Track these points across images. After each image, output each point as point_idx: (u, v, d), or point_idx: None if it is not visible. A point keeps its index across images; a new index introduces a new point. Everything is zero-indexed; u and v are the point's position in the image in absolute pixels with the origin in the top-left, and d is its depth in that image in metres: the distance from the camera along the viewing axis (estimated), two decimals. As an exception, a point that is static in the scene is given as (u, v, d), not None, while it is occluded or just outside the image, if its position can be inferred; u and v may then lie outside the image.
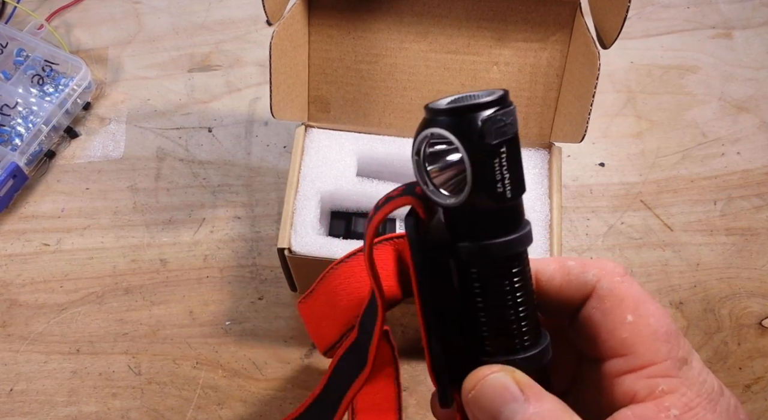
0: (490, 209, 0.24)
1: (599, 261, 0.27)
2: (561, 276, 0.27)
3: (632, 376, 0.25)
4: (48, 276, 0.55)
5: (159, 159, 0.60)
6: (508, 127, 0.23)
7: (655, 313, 0.25)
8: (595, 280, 0.27)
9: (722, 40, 0.66)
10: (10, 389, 0.51)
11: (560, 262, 0.28)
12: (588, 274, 0.27)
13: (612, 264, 0.27)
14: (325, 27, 0.50)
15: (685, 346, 0.25)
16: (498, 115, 0.23)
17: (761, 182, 0.59)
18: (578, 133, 0.45)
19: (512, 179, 0.23)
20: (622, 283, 0.26)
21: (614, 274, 0.26)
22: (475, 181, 0.23)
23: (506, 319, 0.25)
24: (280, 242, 0.45)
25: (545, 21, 0.49)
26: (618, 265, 0.27)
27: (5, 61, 0.62)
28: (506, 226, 0.24)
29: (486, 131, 0.23)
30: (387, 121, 0.51)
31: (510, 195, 0.23)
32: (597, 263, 0.27)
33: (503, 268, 0.25)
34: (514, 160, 0.23)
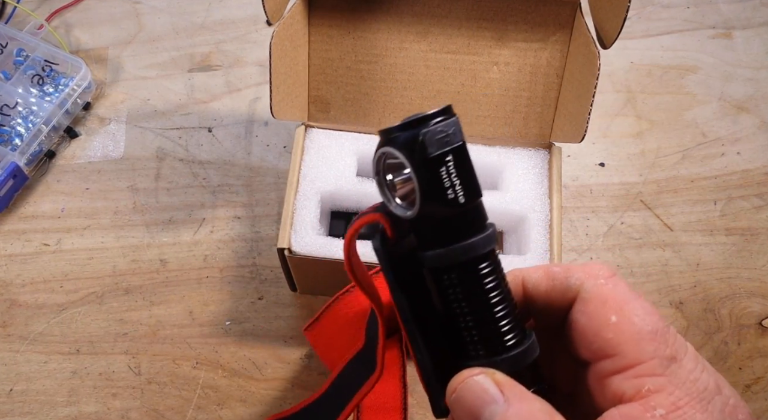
0: (448, 215, 0.25)
1: (586, 265, 0.27)
2: (546, 282, 0.27)
3: (619, 376, 0.25)
4: (48, 276, 0.55)
5: (159, 159, 0.60)
6: (452, 136, 0.24)
7: (640, 312, 0.25)
8: (578, 283, 0.27)
9: (722, 40, 0.66)
10: (10, 389, 0.51)
11: (545, 269, 0.28)
12: (572, 278, 0.27)
13: (598, 266, 0.27)
14: (325, 27, 0.50)
15: (675, 344, 0.25)
16: (439, 127, 0.24)
17: (761, 182, 0.59)
18: (578, 133, 0.45)
19: (463, 185, 0.24)
20: (605, 285, 0.26)
21: (598, 277, 0.26)
22: (424, 191, 0.24)
23: (484, 321, 0.26)
24: (280, 242, 0.45)
25: (545, 21, 0.49)
26: (604, 267, 0.27)
27: (5, 61, 0.62)
28: (468, 230, 0.25)
29: (427, 143, 0.24)
30: (387, 121, 0.51)
31: (463, 200, 0.25)
32: (582, 267, 0.27)
33: (472, 270, 0.25)
34: (462, 167, 0.24)
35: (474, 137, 0.51)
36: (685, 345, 0.25)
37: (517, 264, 0.45)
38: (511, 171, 0.49)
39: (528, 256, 0.46)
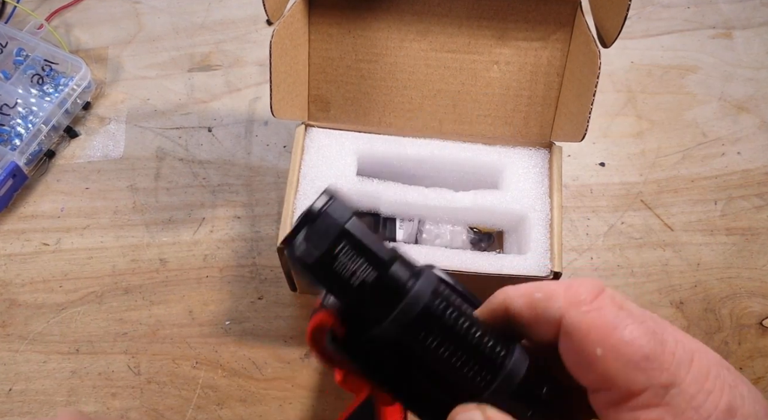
0: (371, 292, 0.24)
1: (569, 287, 0.25)
2: (528, 312, 0.25)
3: (615, 409, 0.23)
4: (47, 276, 0.55)
5: (159, 159, 0.59)
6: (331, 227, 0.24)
7: (628, 339, 0.23)
8: (559, 315, 0.24)
9: (722, 40, 0.66)
10: (9, 389, 0.51)
11: (527, 297, 0.25)
12: (552, 309, 0.24)
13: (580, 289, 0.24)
14: (325, 26, 0.50)
15: (673, 364, 0.22)
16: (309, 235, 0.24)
17: (761, 182, 0.59)
18: (579, 133, 0.45)
19: (368, 262, 0.24)
20: (587, 314, 0.23)
21: (580, 304, 0.24)
22: (330, 289, 0.24)
23: (455, 369, 0.25)
24: (280, 242, 0.45)
25: (546, 20, 0.49)
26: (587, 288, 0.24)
27: (5, 60, 0.62)
28: (401, 289, 0.24)
29: (305, 252, 0.24)
30: (387, 120, 0.51)
31: (376, 274, 0.24)
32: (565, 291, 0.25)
33: (422, 327, 0.24)
34: (357, 248, 0.24)
35: (474, 137, 0.51)
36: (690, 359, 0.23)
37: (517, 264, 0.45)
38: (512, 170, 0.49)
39: (528, 255, 0.46)
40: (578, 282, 0.25)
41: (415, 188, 0.49)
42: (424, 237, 0.50)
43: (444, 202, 0.49)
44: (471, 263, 0.45)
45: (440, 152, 0.50)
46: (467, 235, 0.51)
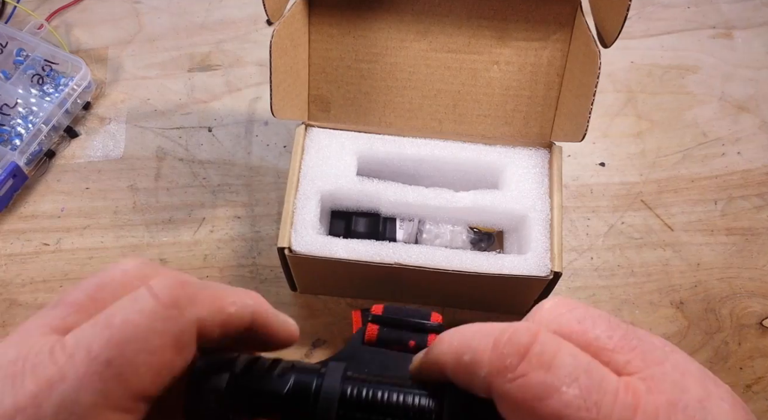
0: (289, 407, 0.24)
1: (494, 348, 0.22)
2: (460, 375, 0.23)
3: None
4: (48, 276, 0.55)
5: (159, 159, 0.59)
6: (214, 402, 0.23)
7: (555, 409, 0.20)
8: (486, 384, 0.22)
9: (722, 40, 0.66)
10: (10, 389, 0.51)
11: (457, 360, 0.23)
12: (479, 376, 0.22)
13: (504, 351, 0.22)
14: (325, 26, 0.50)
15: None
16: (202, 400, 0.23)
17: (762, 182, 0.59)
18: (579, 133, 0.45)
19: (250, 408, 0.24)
20: (513, 383, 0.21)
21: (505, 372, 0.21)
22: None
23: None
24: (280, 241, 0.45)
25: (546, 20, 0.49)
26: (513, 349, 0.21)
27: (5, 60, 0.62)
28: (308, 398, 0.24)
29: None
30: (387, 120, 0.51)
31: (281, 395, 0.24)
32: (489, 355, 0.22)
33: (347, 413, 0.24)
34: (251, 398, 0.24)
35: (474, 137, 0.51)
36: (633, 412, 0.20)
37: (517, 264, 0.45)
38: (512, 170, 0.49)
39: (528, 255, 0.46)
40: (507, 336, 0.22)
41: (415, 188, 0.49)
42: (424, 237, 0.50)
43: (444, 202, 0.49)
44: (471, 263, 0.45)
45: (440, 152, 0.50)
46: (467, 235, 0.51)
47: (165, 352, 0.21)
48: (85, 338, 0.20)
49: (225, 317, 0.23)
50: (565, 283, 0.55)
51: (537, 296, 0.49)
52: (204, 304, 0.22)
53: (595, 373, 0.21)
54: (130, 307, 0.21)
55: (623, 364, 0.22)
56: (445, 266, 0.45)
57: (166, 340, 0.21)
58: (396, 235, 0.50)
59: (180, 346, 0.21)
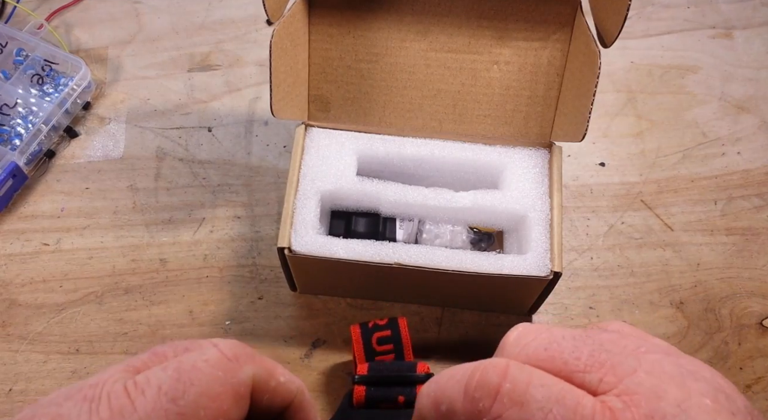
0: None
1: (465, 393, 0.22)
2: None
3: None
4: (47, 276, 0.55)
5: (159, 159, 0.59)
6: None
7: None
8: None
9: (722, 40, 0.66)
10: (9, 389, 0.51)
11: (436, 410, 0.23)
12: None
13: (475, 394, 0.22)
14: (325, 26, 0.50)
15: None
16: None
17: (762, 182, 0.59)
18: (579, 133, 0.45)
19: None
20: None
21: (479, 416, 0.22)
22: None
23: None
24: (280, 241, 0.45)
25: (546, 20, 0.49)
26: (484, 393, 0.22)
27: (5, 60, 0.62)
28: None
29: None
30: (387, 120, 0.51)
31: None
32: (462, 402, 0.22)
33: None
34: None
35: (474, 137, 0.51)
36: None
37: (517, 264, 0.45)
38: (512, 170, 0.49)
39: (528, 255, 0.46)
40: (476, 380, 0.22)
41: (415, 188, 0.49)
42: (424, 237, 0.50)
43: (444, 202, 0.49)
44: (471, 263, 0.45)
45: (440, 152, 0.50)
46: (467, 235, 0.51)
47: (224, 399, 0.23)
48: (155, 378, 0.22)
49: (276, 384, 0.25)
50: (565, 283, 0.55)
51: (537, 296, 0.49)
52: (260, 365, 0.25)
53: (568, 400, 0.21)
54: (198, 356, 0.23)
55: (597, 383, 0.22)
56: (445, 266, 0.45)
57: (226, 388, 0.23)
58: (396, 235, 0.50)
59: (237, 397, 0.23)
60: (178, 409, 0.21)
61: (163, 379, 0.22)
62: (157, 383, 0.22)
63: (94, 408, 0.21)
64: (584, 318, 0.53)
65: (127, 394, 0.22)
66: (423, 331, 0.53)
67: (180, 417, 0.21)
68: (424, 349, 0.52)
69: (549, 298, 0.49)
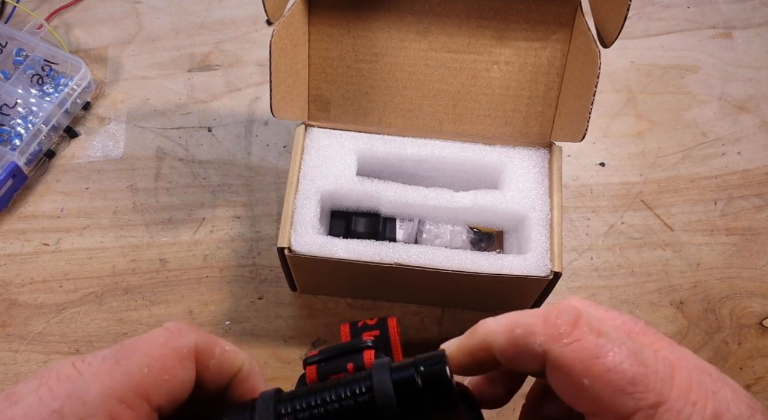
0: None
1: (547, 318, 0.25)
2: (511, 349, 0.26)
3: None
4: (47, 276, 0.55)
5: (159, 159, 0.59)
6: None
7: (611, 367, 0.23)
8: (542, 350, 0.25)
9: (722, 40, 0.66)
10: (10, 389, 0.51)
11: (507, 334, 0.26)
12: (534, 345, 0.25)
13: (557, 321, 0.25)
14: (325, 26, 0.50)
15: (657, 385, 0.23)
16: None
17: (761, 182, 0.59)
18: (579, 133, 0.45)
19: None
20: (568, 347, 0.24)
21: (560, 338, 0.24)
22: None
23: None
24: (280, 241, 0.45)
25: (546, 20, 0.49)
26: (564, 320, 0.25)
27: (5, 60, 0.61)
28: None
29: None
30: (387, 120, 0.51)
31: None
32: (544, 324, 0.25)
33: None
34: None
35: (474, 137, 0.51)
36: (672, 374, 0.24)
37: (517, 264, 0.45)
38: (512, 170, 0.49)
39: (528, 255, 0.46)
40: (555, 312, 0.25)
41: (415, 188, 0.49)
42: (424, 237, 0.50)
43: (444, 202, 0.49)
44: (471, 263, 0.45)
45: (440, 152, 0.50)
46: (467, 235, 0.51)
47: (166, 359, 0.24)
48: (100, 353, 0.25)
49: (220, 352, 0.27)
50: (565, 283, 0.55)
51: (537, 296, 0.49)
52: (203, 336, 0.26)
53: (635, 333, 0.26)
54: (145, 335, 0.26)
55: (650, 342, 0.26)
56: (445, 266, 0.45)
57: (169, 351, 0.25)
58: (396, 235, 0.50)
59: (180, 358, 0.25)
60: (122, 369, 0.24)
61: (107, 351, 0.24)
62: (101, 355, 0.24)
63: (44, 382, 0.23)
64: (584, 318, 0.53)
65: (74, 368, 0.24)
66: (423, 331, 0.53)
67: (125, 376, 0.23)
68: (424, 349, 0.52)
69: (549, 298, 0.49)
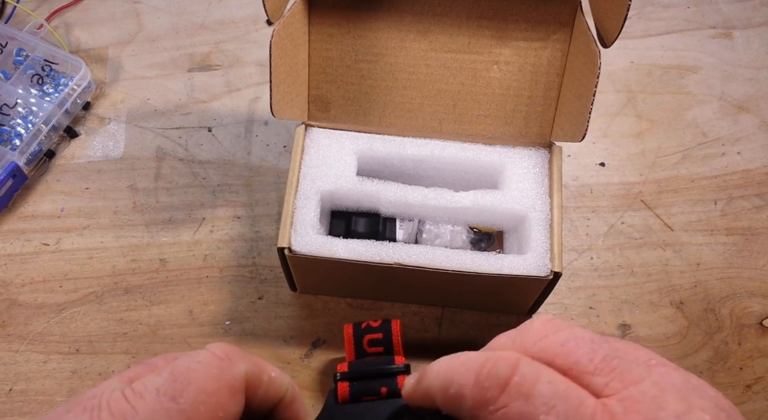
0: None
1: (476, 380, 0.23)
2: (448, 408, 0.25)
3: None
4: (47, 276, 0.55)
5: (159, 159, 0.59)
6: None
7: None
8: (471, 416, 0.23)
9: (722, 40, 0.66)
10: (9, 389, 0.51)
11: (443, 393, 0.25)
12: (464, 409, 0.24)
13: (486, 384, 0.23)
14: (325, 26, 0.50)
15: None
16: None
17: (761, 182, 0.59)
18: (579, 133, 0.45)
19: None
20: (493, 415, 0.22)
21: (487, 404, 0.23)
22: None
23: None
24: (280, 242, 0.45)
25: (546, 20, 0.49)
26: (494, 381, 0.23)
27: (5, 60, 0.62)
28: None
29: None
30: (387, 120, 0.51)
31: None
32: (471, 388, 0.23)
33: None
34: None
35: (474, 137, 0.51)
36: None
37: (517, 264, 0.45)
38: (512, 170, 0.49)
39: (528, 255, 0.46)
40: (488, 368, 0.23)
41: (415, 188, 0.49)
42: (424, 237, 0.50)
43: (444, 202, 0.49)
44: (471, 263, 0.45)
45: (440, 152, 0.50)
46: (467, 235, 0.51)
47: (221, 394, 0.24)
48: (152, 383, 0.23)
49: (268, 378, 0.26)
50: (565, 283, 0.55)
51: (537, 296, 0.49)
52: (251, 362, 0.26)
53: (572, 399, 0.22)
54: (190, 359, 0.24)
55: (602, 386, 0.22)
56: (445, 266, 0.45)
57: (222, 384, 0.24)
58: (396, 235, 0.50)
59: (233, 392, 0.24)
60: (179, 407, 0.22)
61: (160, 382, 0.23)
62: (154, 387, 0.23)
63: (95, 416, 0.22)
64: (584, 318, 0.54)
65: (126, 400, 0.22)
66: (423, 331, 0.53)
67: (181, 414, 0.22)
68: (424, 349, 0.52)
69: (549, 298, 0.49)
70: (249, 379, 0.25)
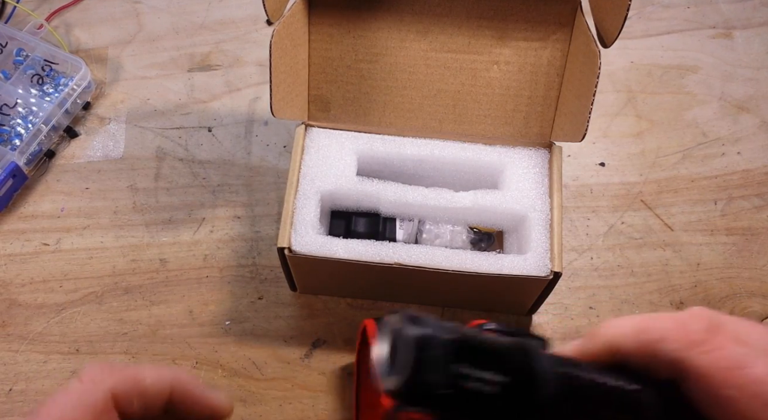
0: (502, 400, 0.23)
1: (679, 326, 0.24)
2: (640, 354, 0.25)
3: None
4: (47, 276, 0.55)
5: (159, 159, 0.59)
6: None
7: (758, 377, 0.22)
8: (676, 357, 0.24)
9: (722, 40, 0.66)
10: (9, 389, 0.51)
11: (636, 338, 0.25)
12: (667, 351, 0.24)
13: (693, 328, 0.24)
14: (325, 26, 0.50)
15: None
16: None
17: (761, 182, 0.59)
18: (579, 133, 0.45)
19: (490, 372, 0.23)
20: (708, 355, 0.23)
21: (698, 345, 0.23)
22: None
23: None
24: (280, 242, 0.45)
25: (546, 20, 0.49)
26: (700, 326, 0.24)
27: (5, 60, 0.62)
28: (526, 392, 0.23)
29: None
30: (387, 120, 0.51)
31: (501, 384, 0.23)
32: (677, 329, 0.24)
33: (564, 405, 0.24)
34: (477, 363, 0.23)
35: (474, 137, 0.51)
36: None
37: (517, 264, 0.45)
38: (512, 170, 0.49)
39: (528, 255, 0.46)
40: (688, 317, 0.24)
41: (415, 188, 0.49)
42: (424, 237, 0.50)
43: (444, 202, 0.49)
44: (471, 263, 0.45)
45: (440, 152, 0.50)
46: (467, 235, 0.51)
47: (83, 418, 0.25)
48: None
49: (141, 389, 0.27)
50: (565, 283, 0.55)
51: (537, 296, 0.49)
52: (119, 378, 0.27)
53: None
54: (60, 391, 0.26)
55: None
56: (445, 266, 0.45)
57: (81, 410, 0.25)
58: (396, 235, 0.50)
59: (96, 413, 0.25)
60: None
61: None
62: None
63: None
64: (584, 318, 0.54)
65: None
66: (423, 331, 0.53)
67: None
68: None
69: (549, 298, 0.49)
70: (117, 396, 0.26)
